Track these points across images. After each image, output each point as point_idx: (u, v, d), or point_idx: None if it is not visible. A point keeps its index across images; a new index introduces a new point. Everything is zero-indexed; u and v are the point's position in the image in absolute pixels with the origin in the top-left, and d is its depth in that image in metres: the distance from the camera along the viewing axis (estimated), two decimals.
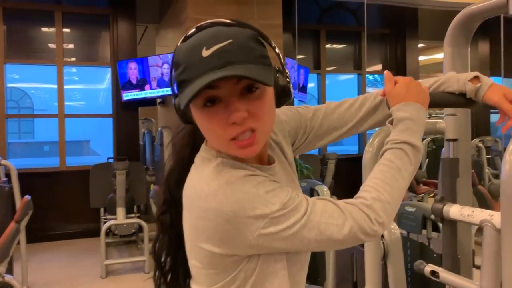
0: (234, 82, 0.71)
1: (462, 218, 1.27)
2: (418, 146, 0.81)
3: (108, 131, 5.89)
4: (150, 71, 5.12)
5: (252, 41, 0.73)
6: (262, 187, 0.73)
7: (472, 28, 1.40)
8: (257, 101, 0.73)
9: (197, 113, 0.75)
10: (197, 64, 0.70)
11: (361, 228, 0.75)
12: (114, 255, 4.71)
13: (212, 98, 0.72)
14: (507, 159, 0.88)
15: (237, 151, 0.75)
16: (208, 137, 0.79)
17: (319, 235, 0.74)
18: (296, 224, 0.73)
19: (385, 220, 0.77)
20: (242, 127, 0.72)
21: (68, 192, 5.44)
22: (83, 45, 5.98)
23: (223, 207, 0.72)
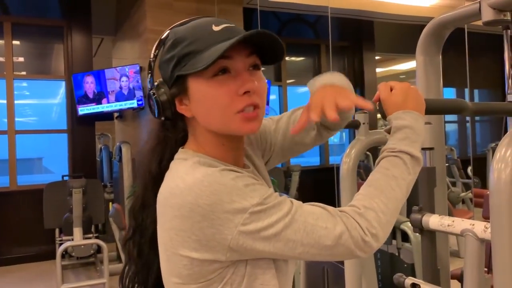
0: (245, 55, 0.73)
1: (442, 228, 1.24)
2: (418, 157, 0.76)
3: (62, 147, 5.62)
4: (108, 84, 4.94)
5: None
6: (240, 180, 0.69)
7: (444, 36, 1.40)
8: (261, 80, 0.76)
9: (203, 85, 0.73)
10: (209, 36, 0.72)
11: (353, 237, 0.69)
12: (71, 279, 4.45)
13: (224, 68, 0.72)
14: (495, 167, 0.86)
15: (242, 124, 0.73)
16: (209, 112, 0.74)
17: (305, 237, 0.68)
18: (279, 222, 0.67)
19: (379, 232, 0.70)
20: (250, 100, 0.73)
21: (19, 213, 5.12)
22: (34, 58, 5.72)
23: (199, 200, 0.66)
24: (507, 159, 0.85)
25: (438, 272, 1.35)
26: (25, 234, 5.09)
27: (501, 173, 0.85)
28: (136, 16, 4.98)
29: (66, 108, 5.47)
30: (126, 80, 4.85)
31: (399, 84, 0.81)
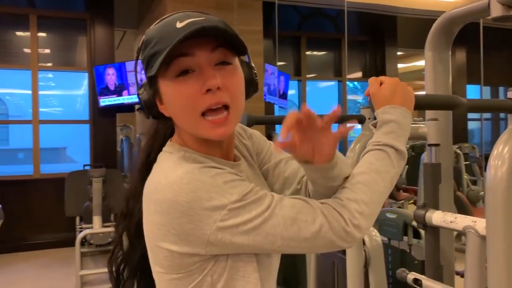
0: (209, 50, 0.70)
1: (445, 224, 1.24)
2: (402, 151, 0.76)
3: (85, 137, 5.76)
4: (128, 77, 5.02)
5: (223, 24, 0.73)
6: (220, 178, 0.69)
7: (453, 32, 1.39)
8: (230, 75, 0.72)
9: (169, 87, 0.72)
10: (171, 35, 0.68)
11: (333, 228, 0.69)
12: (89, 266, 4.57)
13: (186, 68, 0.70)
14: (491, 164, 0.86)
15: (209, 130, 0.71)
16: (178, 113, 0.74)
17: (285, 231, 0.68)
18: (258, 217, 0.68)
19: (362, 223, 0.70)
20: (215, 98, 0.70)
21: (42, 201, 5.28)
22: (59, 50, 5.85)
23: (178, 197, 0.67)
24: (504, 156, 0.85)
25: (441, 268, 1.35)
26: (47, 221, 5.24)
27: (498, 170, 0.85)
28: (157, 9, 5.04)
29: (88, 99, 5.60)
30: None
31: (389, 79, 0.82)
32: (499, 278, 0.86)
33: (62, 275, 4.28)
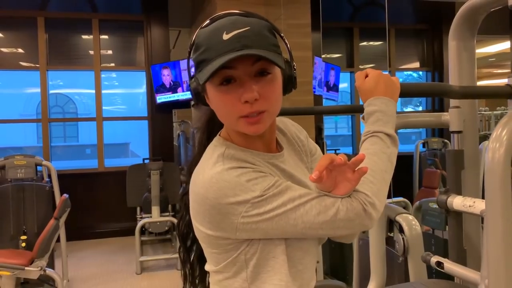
0: (249, 64, 0.78)
1: (464, 209, 1.28)
2: (391, 134, 0.84)
3: (146, 133, 6.10)
4: (183, 74, 5.26)
5: (266, 31, 0.81)
6: (244, 177, 0.79)
7: (477, 20, 1.40)
8: (268, 84, 0.80)
9: (213, 91, 0.81)
10: (217, 46, 0.77)
11: (354, 209, 0.77)
12: (149, 253, 4.87)
13: (228, 77, 0.79)
14: (490, 146, 0.90)
15: (245, 127, 0.81)
16: (220, 114, 0.84)
17: (305, 215, 0.77)
18: (280, 207, 0.77)
19: (375, 200, 0.78)
20: (252, 108, 0.79)
21: (106, 192, 5.67)
22: (119, 51, 6.23)
23: (208, 194, 0.79)
24: (502, 138, 0.89)
25: (464, 252, 1.38)
26: (111, 212, 5.63)
27: (496, 153, 0.89)
28: (208, 8, 5.22)
29: (146, 97, 5.92)
30: None
31: (372, 72, 0.88)
32: (497, 253, 0.91)
33: (125, 260, 4.61)
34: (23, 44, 5.80)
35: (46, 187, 3.75)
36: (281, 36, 0.86)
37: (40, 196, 3.68)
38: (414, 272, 2.01)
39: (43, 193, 3.70)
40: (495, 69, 8.77)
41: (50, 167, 3.85)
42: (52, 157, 5.75)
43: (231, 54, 0.76)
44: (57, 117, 12.18)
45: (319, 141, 5.23)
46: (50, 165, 3.88)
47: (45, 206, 3.69)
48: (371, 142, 0.84)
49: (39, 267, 2.96)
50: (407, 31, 7.04)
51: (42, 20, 5.48)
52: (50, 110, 5.78)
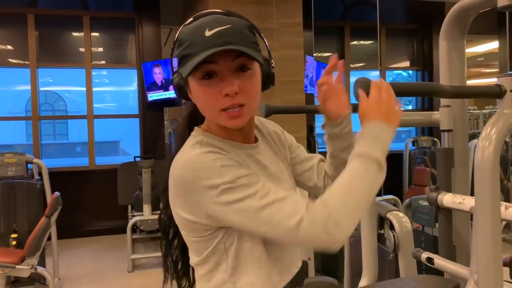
0: (230, 60, 0.82)
1: (454, 205, 1.31)
2: (381, 160, 0.81)
3: (136, 131, 6.08)
4: None
5: (247, 29, 0.85)
6: (219, 162, 0.81)
7: (467, 21, 1.43)
8: (248, 79, 0.84)
9: (196, 85, 0.85)
10: (200, 41, 0.81)
11: (315, 222, 0.76)
12: (140, 251, 4.87)
13: (210, 72, 0.82)
14: (480, 145, 0.92)
15: (226, 121, 0.84)
16: (202, 107, 0.88)
17: (269, 218, 0.77)
18: (245, 199, 0.77)
19: (342, 220, 0.76)
20: (232, 100, 0.82)
21: (97, 190, 5.65)
22: (110, 48, 6.20)
23: (186, 175, 0.81)
24: (491, 137, 0.92)
25: (454, 248, 1.41)
26: (102, 210, 5.61)
27: (485, 151, 0.92)
28: (200, 6, 5.22)
29: (138, 95, 5.91)
30: None
31: (375, 92, 0.86)
32: (486, 250, 0.93)
33: (116, 259, 4.61)
34: (13, 41, 5.75)
35: (37, 185, 3.74)
36: (260, 35, 0.90)
37: (31, 194, 3.67)
38: (404, 268, 2.04)
39: (33, 191, 3.68)
40: (483, 68, 8.87)
41: (41, 165, 3.83)
42: (42, 155, 5.72)
43: (213, 49, 0.79)
44: (47, 114, 12.09)
45: (310, 140, 5.26)
46: (41, 163, 3.86)
47: (36, 204, 3.67)
48: (358, 163, 0.81)
49: (30, 265, 2.95)
50: (398, 31, 7.10)
51: (32, 17, 5.44)
52: (40, 107, 5.74)
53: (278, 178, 0.94)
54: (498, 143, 0.91)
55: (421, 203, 2.74)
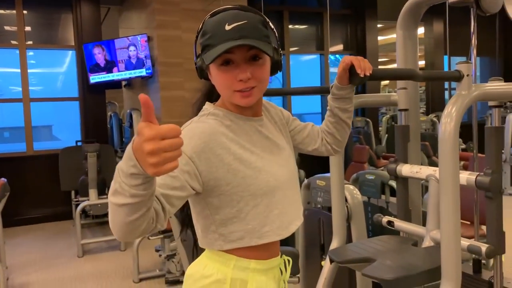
0: (245, 51, 0.96)
1: (411, 174, 1.51)
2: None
3: (69, 115, 5.87)
4: (117, 54, 5.15)
5: (260, 24, 0.99)
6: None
7: (420, 13, 1.62)
8: (259, 67, 0.99)
9: (215, 70, 0.99)
10: (221, 34, 0.95)
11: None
12: (87, 236, 4.80)
13: (228, 60, 0.96)
14: (442, 121, 1.10)
15: (239, 99, 0.98)
16: (219, 88, 1.01)
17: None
18: None
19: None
20: (245, 84, 0.97)
21: (36, 176, 5.44)
22: (42, 28, 5.88)
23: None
24: (452, 115, 1.10)
25: (409, 212, 1.62)
26: (42, 196, 5.42)
27: (447, 126, 1.10)
28: None
29: (77, 77, 5.70)
30: (134, 50, 5.05)
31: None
32: (448, 210, 1.13)
33: (63, 245, 4.51)
34: None
35: None
36: (271, 28, 1.04)
37: None
38: (356, 234, 2.27)
39: None
40: None
41: None
42: None
43: (231, 42, 0.93)
44: None
45: None
46: None
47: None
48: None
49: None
50: (334, 16, 7.39)
51: None
52: None
53: (279, 147, 1.09)
54: (457, 120, 1.09)
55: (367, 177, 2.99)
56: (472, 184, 1.30)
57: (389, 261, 1.28)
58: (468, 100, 1.15)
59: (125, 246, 4.30)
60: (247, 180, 0.96)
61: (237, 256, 1.00)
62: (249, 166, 0.97)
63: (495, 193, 1.27)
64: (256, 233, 0.99)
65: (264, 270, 1.03)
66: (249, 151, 1.00)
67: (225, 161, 0.95)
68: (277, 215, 1.00)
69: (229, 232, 0.99)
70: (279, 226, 1.01)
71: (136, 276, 3.46)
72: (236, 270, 1.00)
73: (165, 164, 0.65)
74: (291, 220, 1.05)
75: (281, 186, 1.02)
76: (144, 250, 3.90)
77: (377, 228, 2.65)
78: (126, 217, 0.75)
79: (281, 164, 1.05)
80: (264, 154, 1.02)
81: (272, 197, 0.99)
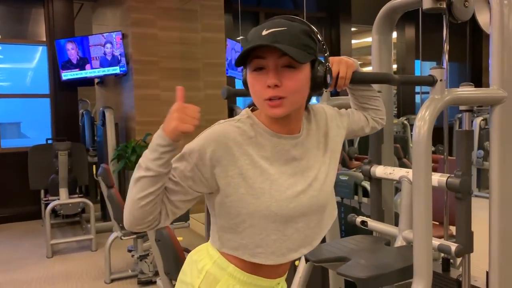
0: (277, 57, 0.91)
1: (385, 176, 1.55)
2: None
3: (39, 112, 5.73)
4: (91, 50, 5.06)
5: (303, 33, 0.94)
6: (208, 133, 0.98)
7: (395, 19, 1.66)
8: (291, 76, 0.92)
9: (249, 76, 0.96)
10: (256, 39, 0.92)
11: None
12: (57, 236, 4.69)
13: (260, 66, 0.93)
14: (416, 124, 1.14)
15: (268, 109, 0.93)
16: (252, 95, 0.97)
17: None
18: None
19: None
20: (273, 92, 0.91)
21: (4, 175, 5.29)
22: (12, 22, 5.72)
23: None
24: (425, 118, 1.14)
25: (382, 212, 1.66)
26: (10, 195, 5.27)
27: (421, 129, 1.14)
28: None
29: (48, 73, 5.57)
30: (110, 47, 4.98)
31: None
32: (420, 210, 1.16)
33: (32, 245, 4.40)
34: None
35: None
36: (318, 40, 0.98)
37: None
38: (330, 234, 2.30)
39: None
40: None
41: None
42: None
43: (255, 44, 0.90)
44: None
45: None
46: None
47: None
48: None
49: None
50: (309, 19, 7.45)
51: None
52: None
53: (304, 170, 1.01)
54: (431, 123, 1.13)
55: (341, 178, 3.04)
56: (443, 185, 1.34)
57: (363, 260, 1.31)
58: (441, 104, 1.19)
59: (96, 246, 4.23)
60: (247, 198, 0.93)
61: (221, 255, 1.00)
62: (252, 185, 0.93)
63: (465, 194, 1.32)
64: (248, 250, 0.96)
65: (246, 283, 1.00)
66: (260, 169, 0.95)
67: (228, 173, 0.93)
68: (274, 241, 0.95)
69: (227, 239, 0.98)
70: (273, 252, 0.96)
71: (107, 276, 3.41)
72: (214, 266, 1.00)
73: (185, 123, 0.87)
74: (294, 248, 0.98)
75: (289, 213, 0.95)
76: (116, 250, 3.84)
77: (349, 228, 2.70)
78: (136, 193, 0.89)
79: (301, 190, 0.97)
80: (278, 176, 0.96)
81: (272, 223, 0.94)
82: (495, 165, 1.36)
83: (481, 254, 1.49)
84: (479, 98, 1.37)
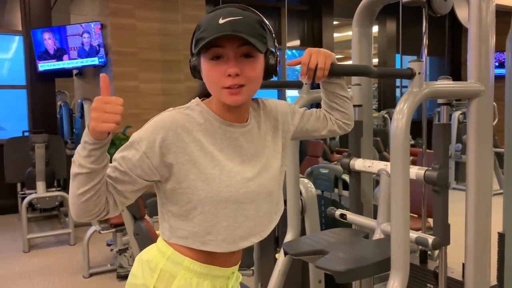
0: (236, 46, 0.92)
1: (364, 169, 1.55)
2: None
3: (15, 104, 5.59)
4: (69, 41, 4.94)
5: (256, 23, 0.95)
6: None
7: (375, 11, 1.66)
8: (249, 65, 0.94)
9: (205, 65, 0.94)
10: (213, 27, 0.91)
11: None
12: (34, 230, 4.61)
13: (218, 54, 0.92)
14: (395, 117, 1.14)
15: (227, 97, 0.93)
16: (208, 84, 0.96)
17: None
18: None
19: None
20: (233, 81, 0.92)
21: None
22: None
23: None
24: (404, 111, 1.14)
25: (361, 205, 1.67)
26: None
27: (399, 122, 1.14)
28: None
29: (25, 64, 5.43)
30: (88, 37, 4.87)
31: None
32: (397, 202, 1.17)
33: (8, 239, 4.32)
34: None
35: None
36: (270, 30, 1.00)
37: None
38: (310, 227, 2.31)
39: None
40: None
41: None
42: None
43: (221, 33, 0.89)
44: None
45: None
46: None
47: None
48: None
49: None
50: (291, 12, 7.45)
51: None
52: None
53: (257, 158, 1.02)
54: (409, 116, 1.13)
55: (321, 171, 3.06)
56: (421, 178, 1.35)
57: (341, 253, 1.31)
58: (419, 97, 1.19)
59: (74, 241, 4.16)
60: (198, 184, 0.93)
61: (174, 250, 0.98)
62: (203, 171, 0.93)
63: (442, 187, 1.33)
64: (199, 238, 0.96)
65: (203, 274, 0.99)
66: (210, 155, 0.95)
67: (178, 160, 0.92)
68: (225, 228, 0.96)
69: (177, 228, 0.98)
70: (224, 239, 0.96)
71: (86, 271, 3.36)
72: (168, 263, 0.98)
73: (104, 123, 0.82)
74: (245, 235, 0.98)
75: (240, 199, 0.95)
76: (95, 244, 3.79)
77: (330, 220, 2.71)
78: (75, 189, 0.87)
79: (250, 177, 0.98)
80: (228, 163, 0.96)
81: (223, 208, 0.94)
82: (472, 158, 1.37)
83: (460, 246, 1.51)
84: (457, 91, 1.38)
